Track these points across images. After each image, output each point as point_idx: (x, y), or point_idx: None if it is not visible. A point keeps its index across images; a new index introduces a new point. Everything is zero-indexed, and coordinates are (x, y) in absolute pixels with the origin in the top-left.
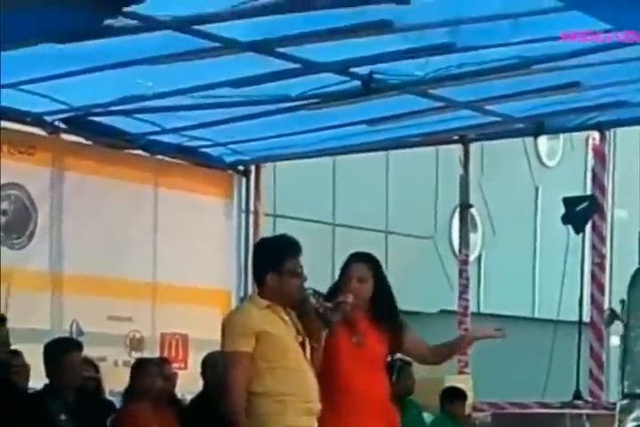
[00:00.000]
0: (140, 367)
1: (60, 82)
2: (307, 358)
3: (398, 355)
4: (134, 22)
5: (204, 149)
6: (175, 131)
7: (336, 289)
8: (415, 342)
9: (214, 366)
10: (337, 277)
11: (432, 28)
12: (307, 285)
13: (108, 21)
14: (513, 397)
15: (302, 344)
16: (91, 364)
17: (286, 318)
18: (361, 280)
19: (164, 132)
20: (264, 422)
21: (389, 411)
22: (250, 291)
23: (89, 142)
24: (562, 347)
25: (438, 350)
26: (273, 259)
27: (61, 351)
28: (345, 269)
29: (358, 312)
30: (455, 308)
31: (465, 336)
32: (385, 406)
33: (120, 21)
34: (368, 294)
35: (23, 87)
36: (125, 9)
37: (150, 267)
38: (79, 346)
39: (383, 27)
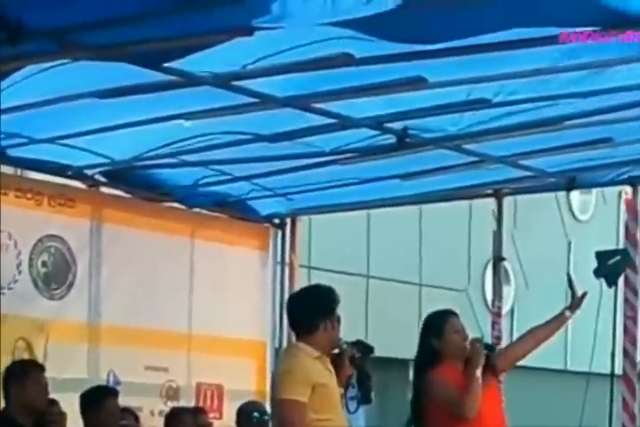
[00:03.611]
0: (174, 417)
1: (99, 136)
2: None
3: None
4: (173, 78)
5: (240, 203)
6: (212, 184)
7: (430, 347)
8: (503, 356)
9: (249, 416)
10: (420, 332)
11: (466, 84)
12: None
13: (148, 77)
14: None
15: (341, 395)
16: (131, 413)
17: (332, 369)
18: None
19: (201, 185)
20: None
21: None
22: (284, 342)
23: (128, 195)
24: (594, 399)
25: (528, 341)
26: (327, 306)
27: (97, 398)
28: (450, 324)
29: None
30: None
31: (562, 313)
32: None
33: (160, 77)
34: None
35: (64, 141)
36: (165, 65)
37: (186, 318)
38: (115, 393)
39: (417, 83)
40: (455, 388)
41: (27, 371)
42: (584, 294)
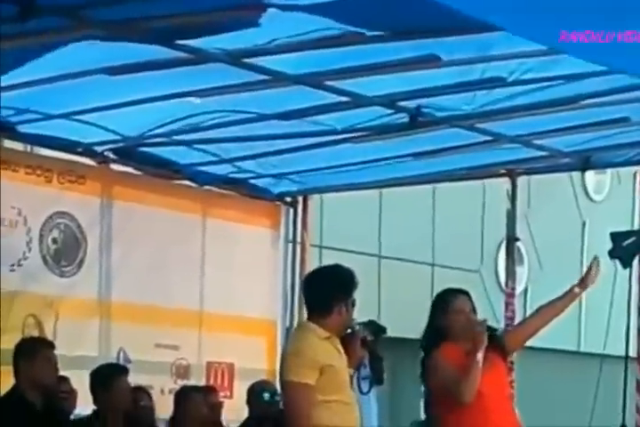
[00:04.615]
0: (184, 395)
1: (110, 113)
2: (353, 391)
3: None
4: (185, 55)
5: (251, 181)
6: (223, 162)
7: (436, 324)
8: (512, 336)
9: (260, 396)
10: (429, 311)
11: (480, 62)
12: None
13: (160, 54)
14: None
15: (351, 377)
16: (145, 392)
17: (341, 349)
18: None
19: (213, 163)
20: None
21: None
22: (295, 321)
23: (138, 172)
24: (608, 381)
25: (538, 319)
26: (345, 288)
27: (108, 376)
28: (453, 303)
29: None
30: None
31: (572, 290)
32: None
33: (171, 54)
34: None
35: (75, 118)
36: (177, 42)
37: (197, 296)
38: (125, 370)
39: (431, 61)
40: (455, 370)
41: (36, 348)
42: (591, 265)
